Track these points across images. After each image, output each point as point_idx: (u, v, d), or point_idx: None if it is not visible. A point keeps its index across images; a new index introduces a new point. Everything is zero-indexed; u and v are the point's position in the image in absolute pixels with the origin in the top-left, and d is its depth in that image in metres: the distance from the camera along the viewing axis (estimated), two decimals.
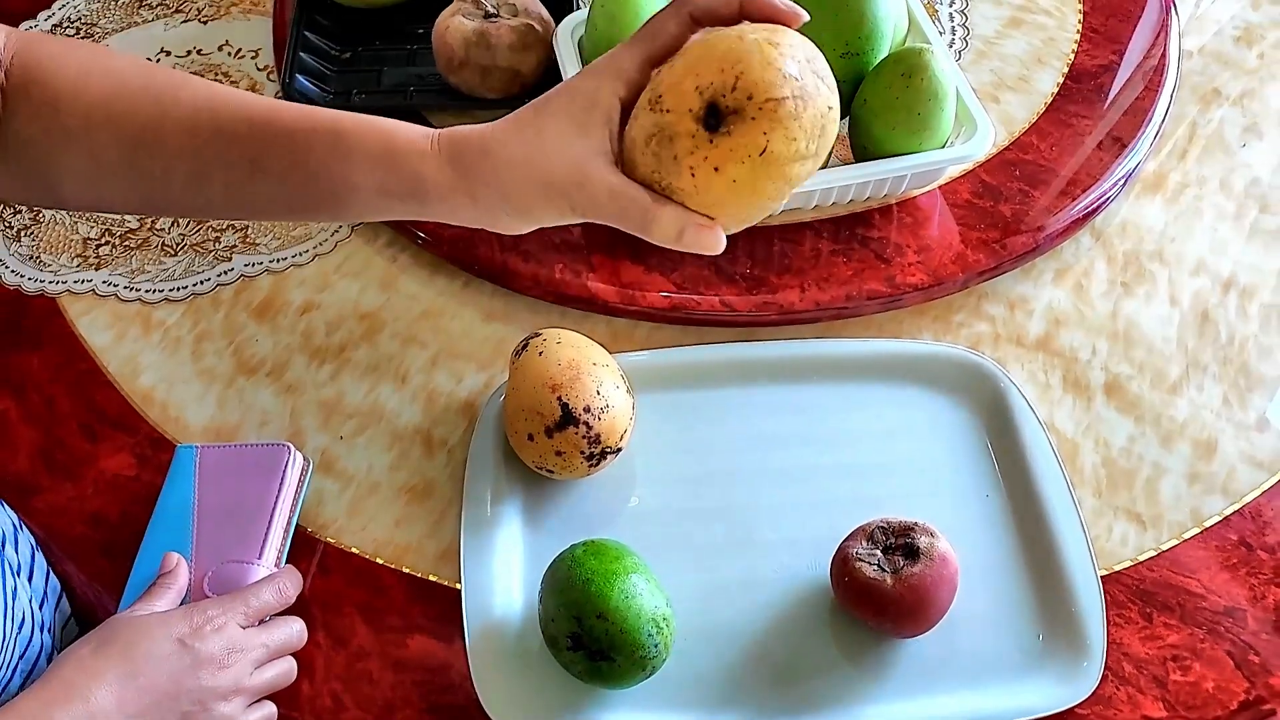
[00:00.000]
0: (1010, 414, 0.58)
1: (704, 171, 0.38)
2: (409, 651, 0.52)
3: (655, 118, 0.38)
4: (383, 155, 0.44)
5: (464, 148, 0.43)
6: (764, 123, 0.36)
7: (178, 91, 0.46)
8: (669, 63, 0.39)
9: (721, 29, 0.38)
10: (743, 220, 0.41)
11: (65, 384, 0.63)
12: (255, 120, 0.45)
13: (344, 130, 0.44)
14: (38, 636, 0.50)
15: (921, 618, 0.49)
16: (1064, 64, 0.76)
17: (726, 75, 0.36)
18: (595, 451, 0.53)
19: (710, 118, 0.37)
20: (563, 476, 0.55)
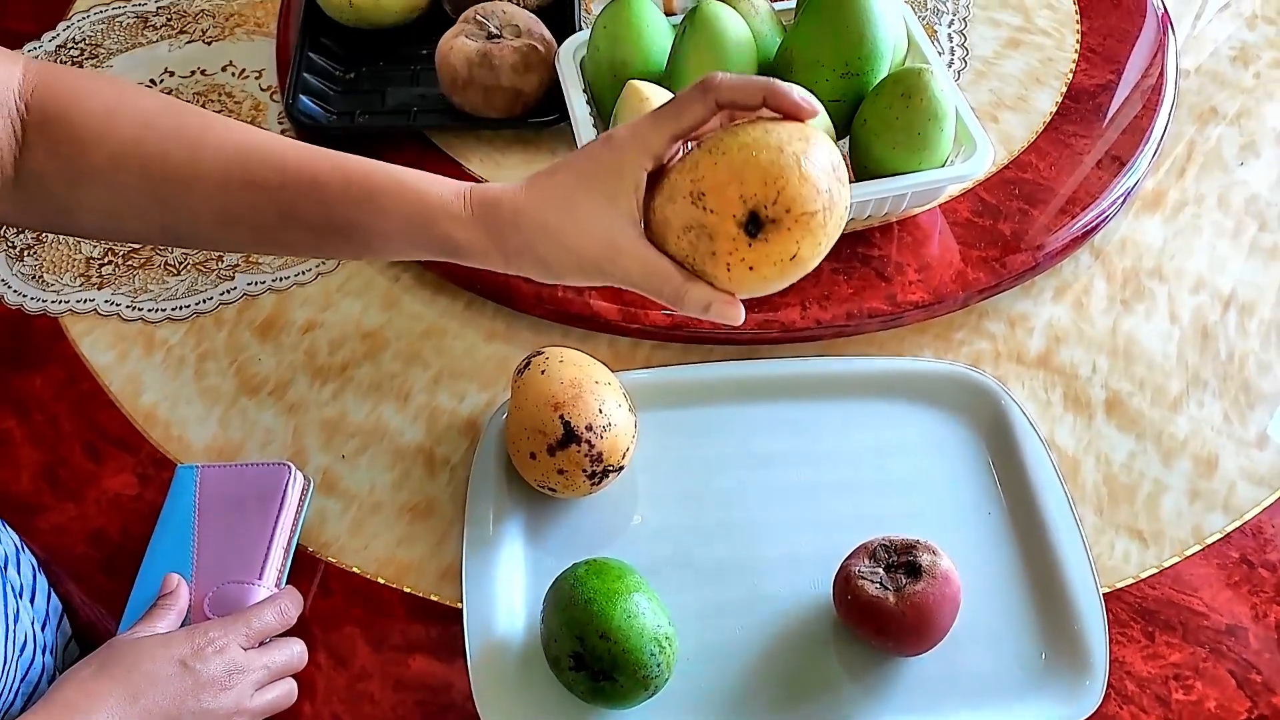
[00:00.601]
0: (1011, 431, 0.58)
1: (739, 268, 0.42)
2: (410, 671, 0.52)
3: (697, 213, 0.41)
4: (415, 216, 0.44)
5: (496, 212, 0.44)
6: (798, 232, 0.41)
7: (206, 135, 0.45)
8: (706, 150, 0.42)
9: (755, 128, 0.41)
10: (760, 294, 0.45)
11: (68, 404, 0.63)
12: (287, 171, 0.45)
13: (376, 189, 0.45)
14: (39, 659, 0.50)
15: (924, 636, 0.49)
16: (1062, 84, 0.76)
17: (769, 189, 0.40)
18: (597, 470, 0.53)
19: (751, 224, 0.41)
20: (565, 495, 0.55)
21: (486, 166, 0.72)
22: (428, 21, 0.77)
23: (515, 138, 0.73)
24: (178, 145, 0.45)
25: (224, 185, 0.45)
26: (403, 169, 0.46)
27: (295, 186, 0.45)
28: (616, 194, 0.43)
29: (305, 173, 0.45)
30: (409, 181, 0.45)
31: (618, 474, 0.55)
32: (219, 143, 0.45)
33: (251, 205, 0.45)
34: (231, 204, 0.45)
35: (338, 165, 0.45)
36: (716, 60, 0.63)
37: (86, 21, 0.83)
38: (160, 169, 0.45)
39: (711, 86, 0.42)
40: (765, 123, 0.41)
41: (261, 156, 0.45)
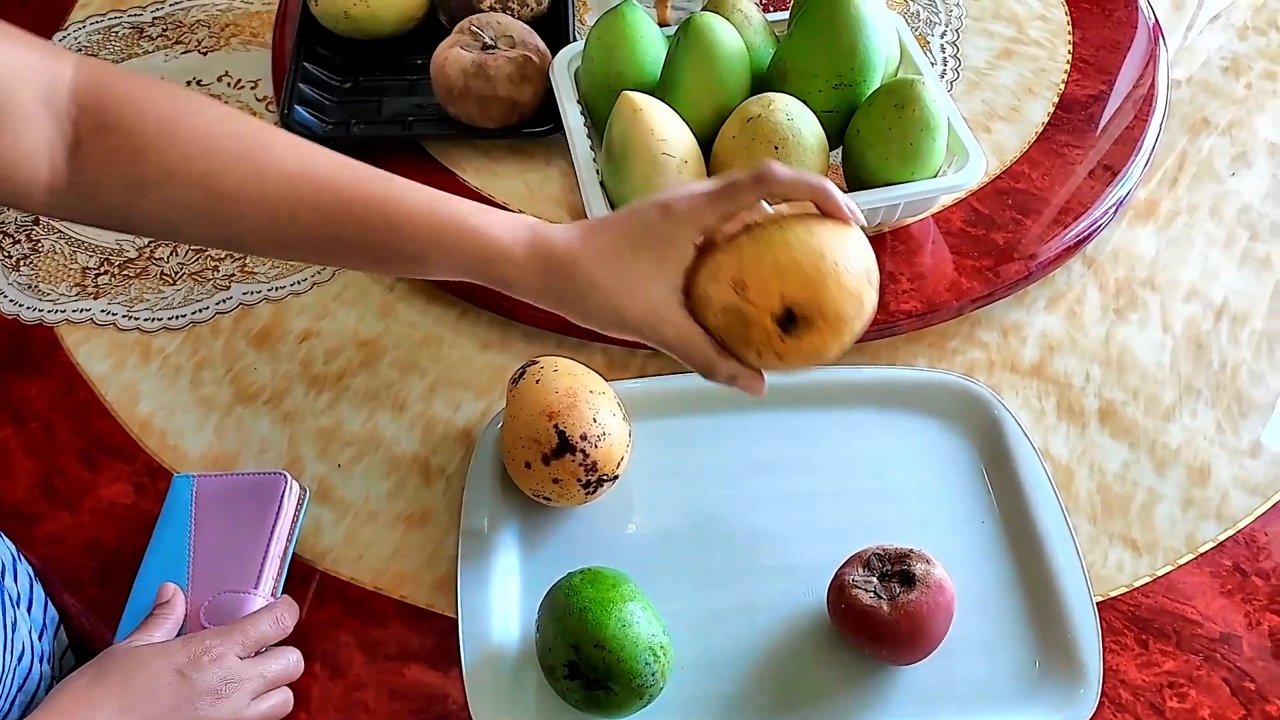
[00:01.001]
0: (1005, 440, 0.58)
1: (769, 356, 0.45)
2: (406, 681, 0.52)
3: (737, 300, 0.44)
4: (476, 256, 0.46)
5: (552, 261, 0.46)
6: (828, 334, 0.44)
7: (270, 155, 0.45)
8: (753, 240, 0.44)
9: (801, 226, 0.44)
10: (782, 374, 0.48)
11: (64, 412, 0.63)
12: (353, 201, 0.45)
13: (441, 227, 0.45)
14: (37, 668, 0.50)
15: (918, 645, 0.49)
16: (1054, 94, 0.77)
17: (808, 293, 0.42)
18: (592, 479, 0.54)
19: (786, 320, 0.44)
20: (560, 504, 0.55)
21: (482, 176, 0.72)
22: (423, 32, 0.78)
23: (510, 148, 0.74)
24: (239, 163, 0.45)
25: (287, 209, 0.45)
26: (465, 204, 0.46)
27: (360, 218, 0.45)
28: (666, 263, 0.45)
29: (371, 205, 0.45)
30: (472, 221, 0.46)
31: (612, 483, 0.55)
32: (283, 165, 0.45)
33: (313, 230, 0.46)
34: (293, 227, 0.46)
35: (403, 198, 0.46)
36: (710, 71, 0.64)
37: (82, 32, 0.84)
38: (220, 187, 0.45)
39: (766, 179, 0.44)
40: (811, 221, 0.44)
41: (326, 183, 0.45)
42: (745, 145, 0.61)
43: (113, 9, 0.86)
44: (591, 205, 0.64)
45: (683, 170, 0.62)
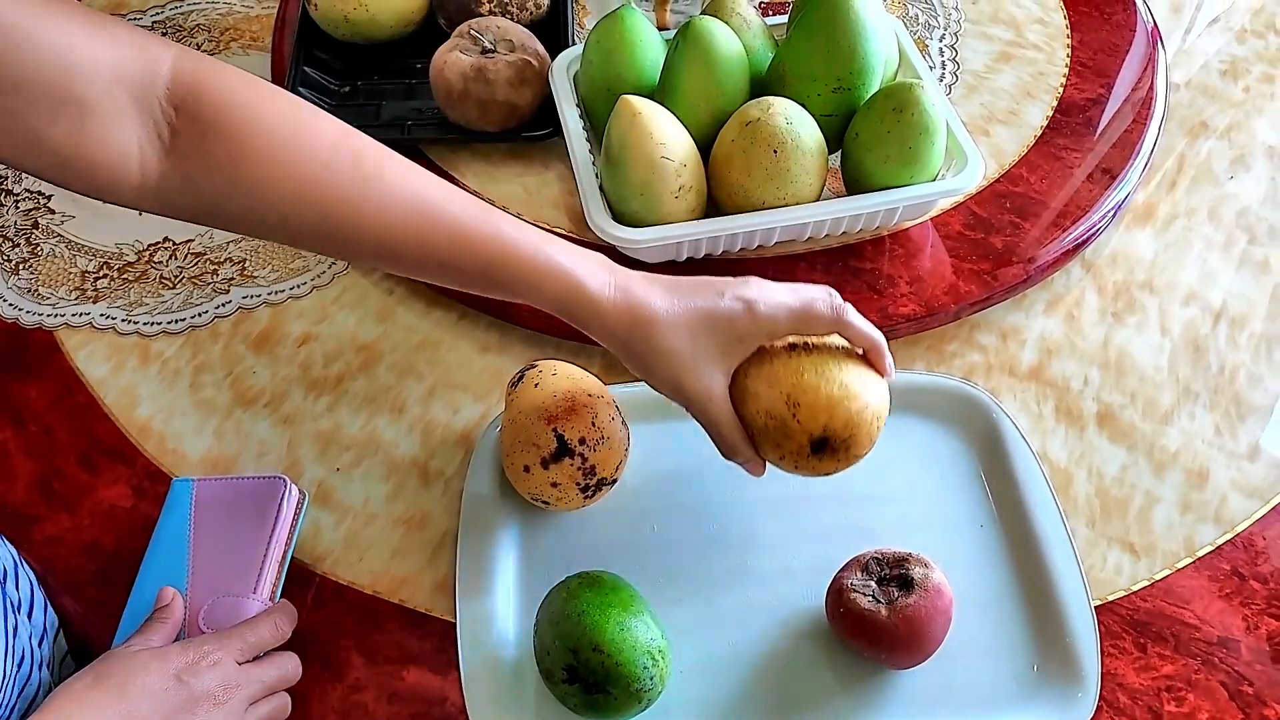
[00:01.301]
0: (1003, 444, 0.58)
1: (789, 465, 0.51)
2: (405, 684, 0.52)
3: (785, 414, 0.49)
4: (564, 299, 0.48)
5: (637, 318, 0.48)
6: (843, 463, 0.50)
7: (382, 183, 0.46)
8: (814, 369, 0.49)
9: (854, 374, 0.50)
10: None
11: (63, 415, 0.63)
12: (455, 234, 0.47)
13: (537, 269, 0.47)
14: (36, 674, 0.50)
15: (916, 649, 0.49)
16: (1053, 97, 0.77)
17: (847, 432, 0.49)
18: (591, 483, 0.54)
19: (817, 445, 0.49)
20: (559, 508, 0.55)
21: (481, 180, 0.73)
22: (422, 36, 0.78)
23: (509, 151, 0.74)
24: (354, 189, 0.46)
25: (394, 235, 0.47)
26: (559, 246, 0.49)
27: (464, 251, 0.47)
28: (731, 354, 0.49)
29: (476, 241, 0.47)
30: (565, 265, 0.48)
31: (611, 487, 0.55)
32: (395, 193, 0.46)
33: (417, 257, 0.48)
34: (398, 252, 0.47)
35: (506, 237, 0.47)
36: (709, 75, 0.64)
37: None
38: (334, 212, 0.46)
39: (843, 323, 0.49)
40: (861, 366, 0.50)
41: (436, 214, 0.47)
42: (744, 149, 0.62)
43: (112, 12, 0.86)
44: (590, 209, 0.64)
45: (682, 173, 0.62)
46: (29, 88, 0.40)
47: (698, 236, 0.64)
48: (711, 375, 0.49)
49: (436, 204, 0.47)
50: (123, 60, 0.42)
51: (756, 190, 0.62)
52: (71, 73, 0.41)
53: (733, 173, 0.63)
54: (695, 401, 0.50)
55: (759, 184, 0.62)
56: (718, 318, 0.49)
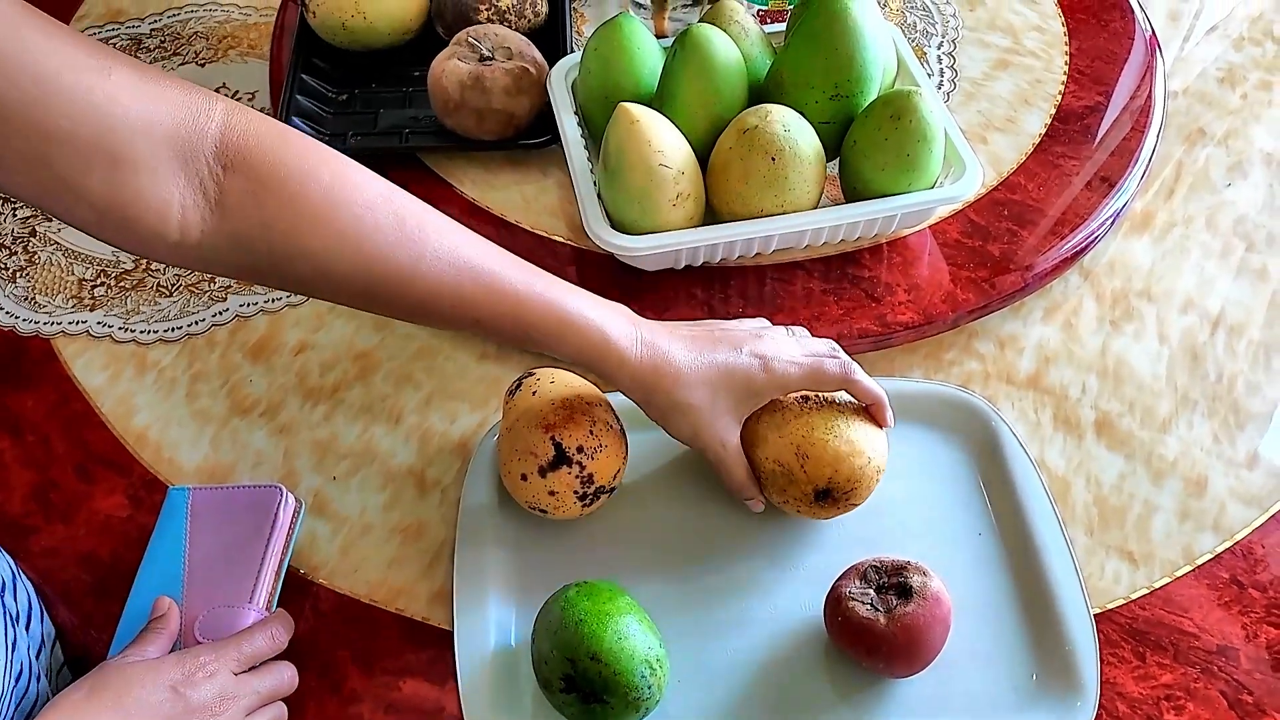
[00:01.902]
0: (1001, 452, 0.58)
1: (791, 509, 0.54)
2: (402, 694, 0.52)
3: (793, 464, 0.52)
4: (592, 353, 0.50)
5: (658, 372, 0.51)
6: (841, 510, 0.54)
7: (425, 243, 0.47)
8: (824, 426, 0.53)
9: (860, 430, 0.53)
10: None
11: (59, 424, 0.63)
12: (493, 293, 0.48)
13: (566, 324, 0.50)
14: (34, 685, 0.50)
15: (915, 657, 0.49)
16: (1051, 105, 0.77)
17: (850, 485, 0.52)
18: (588, 491, 0.53)
19: (820, 495, 0.53)
20: (556, 516, 0.55)
21: (479, 188, 0.73)
22: (420, 43, 0.78)
23: (507, 159, 0.74)
24: (396, 251, 0.46)
25: (435, 296, 0.48)
26: (588, 300, 0.51)
27: (498, 307, 0.49)
28: (745, 406, 0.53)
29: (510, 295, 0.49)
30: (594, 320, 0.50)
31: (609, 495, 0.55)
32: (436, 253, 0.47)
33: (453, 315, 0.49)
34: (438, 310, 0.49)
35: (537, 292, 0.49)
36: (707, 82, 0.64)
37: None
38: (382, 274, 0.47)
39: (850, 380, 0.53)
40: (864, 421, 0.53)
41: (475, 274, 0.48)
42: (742, 156, 0.62)
43: (110, 20, 0.86)
44: (588, 216, 0.64)
45: (680, 181, 0.62)
46: (63, 140, 0.40)
47: (696, 244, 0.64)
48: (727, 426, 0.53)
49: (476, 263, 0.49)
50: (167, 115, 0.42)
51: (754, 198, 0.62)
52: (111, 126, 0.41)
53: (730, 180, 0.63)
54: (710, 449, 0.53)
55: (757, 191, 0.62)
56: (736, 374, 0.52)
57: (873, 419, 0.54)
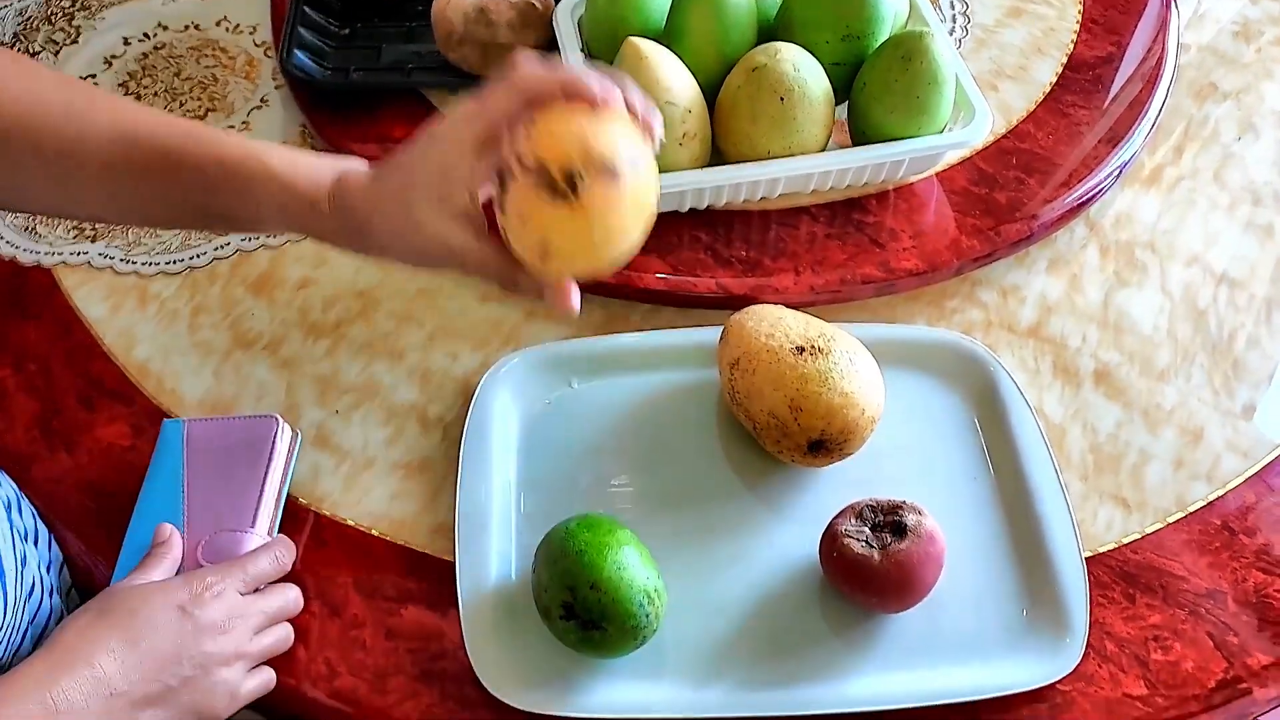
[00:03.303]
0: (1000, 398, 0.58)
1: (785, 458, 0.53)
2: (403, 620, 0.53)
3: (787, 417, 0.51)
4: (287, 209, 0.47)
5: (351, 214, 0.46)
6: (837, 459, 0.52)
7: (93, 114, 0.46)
8: (820, 376, 0.51)
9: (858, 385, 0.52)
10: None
11: (61, 355, 0.63)
12: (169, 158, 0.46)
13: (252, 179, 0.46)
14: (47, 601, 0.51)
15: (907, 593, 0.50)
16: (1063, 54, 0.76)
17: (840, 436, 0.50)
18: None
19: (814, 446, 0.51)
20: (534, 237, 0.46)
21: None
22: None
23: None
24: (66, 122, 0.45)
25: (110, 165, 0.46)
26: (277, 153, 0.47)
27: (177, 171, 0.46)
28: (449, 197, 0.45)
29: (185, 158, 0.46)
30: (281, 173, 0.46)
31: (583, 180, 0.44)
32: (105, 122, 0.46)
33: (137, 188, 0.47)
34: (118, 186, 0.47)
35: (215, 153, 0.46)
36: (716, 19, 0.63)
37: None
38: (52, 146, 0.45)
39: (513, 79, 0.44)
40: (864, 379, 0.51)
41: (145, 138, 0.46)
42: (750, 95, 0.61)
43: None
44: None
45: (686, 120, 0.61)
46: None
47: (701, 186, 0.63)
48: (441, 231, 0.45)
49: (148, 126, 0.46)
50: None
51: (762, 139, 0.62)
52: None
53: (738, 120, 0.62)
54: (442, 260, 0.47)
55: (764, 132, 0.62)
56: (414, 168, 0.45)
57: (871, 363, 0.53)
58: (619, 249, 0.45)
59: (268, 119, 0.74)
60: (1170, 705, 0.50)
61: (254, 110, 0.75)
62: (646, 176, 0.44)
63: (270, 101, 0.75)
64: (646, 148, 0.45)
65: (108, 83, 0.76)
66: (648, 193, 0.45)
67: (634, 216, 0.45)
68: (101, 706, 0.43)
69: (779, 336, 0.54)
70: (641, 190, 0.44)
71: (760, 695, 0.50)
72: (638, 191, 0.44)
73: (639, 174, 0.44)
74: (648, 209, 0.45)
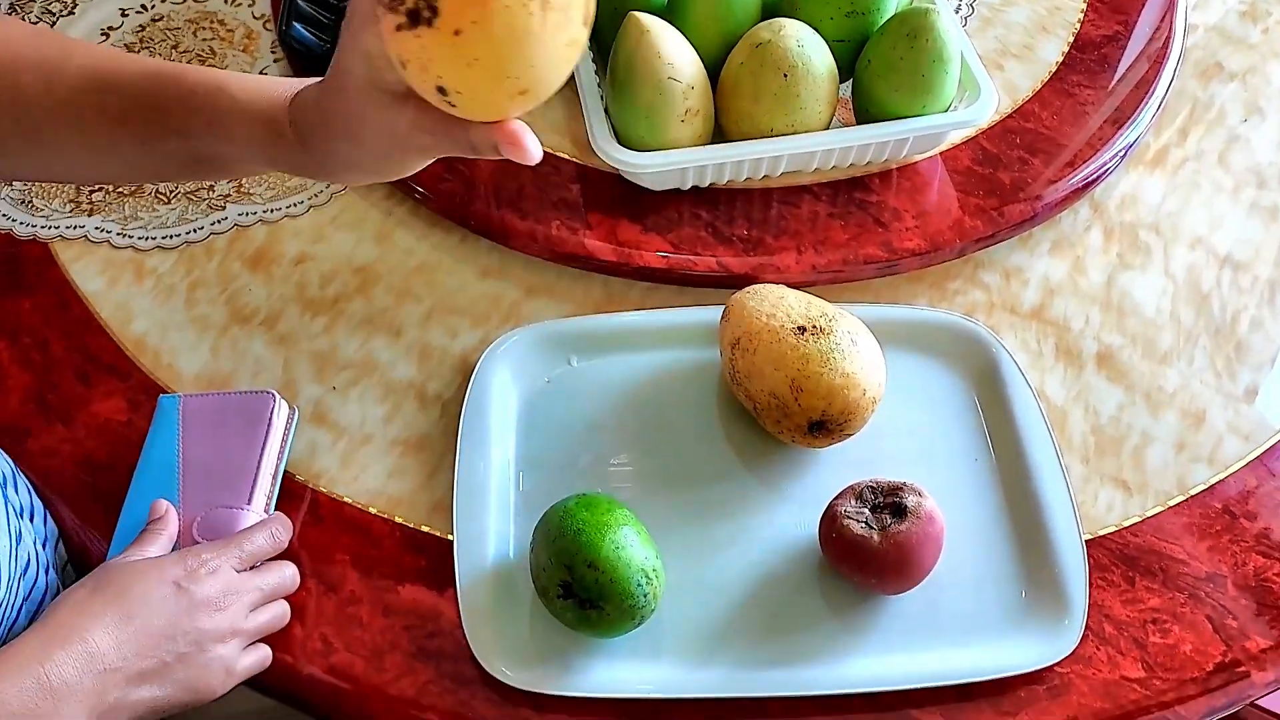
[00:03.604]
0: (1002, 380, 0.58)
1: (785, 438, 0.53)
2: (400, 598, 0.53)
3: (788, 397, 0.51)
4: (251, 133, 0.44)
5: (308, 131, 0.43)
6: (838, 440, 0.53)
7: (67, 63, 0.44)
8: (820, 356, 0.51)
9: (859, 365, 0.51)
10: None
11: (57, 329, 0.62)
12: (139, 95, 0.44)
13: (216, 109, 0.44)
14: (42, 577, 0.50)
15: (906, 575, 0.50)
16: (1069, 34, 0.75)
17: (841, 416, 0.50)
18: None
19: (815, 426, 0.52)
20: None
21: None
22: None
23: None
24: (36, 75, 0.44)
25: (82, 117, 0.44)
26: (237, 81, 0.44)
27: (148, 116, 0.44)
28: (373, 74, 0.38)
29: (155, 100, 0.44)
30: (239, 99, 0.44)
31: None
32: (76, 70, 0.44)
33: (112, 138, 0.45)
34: (94, 138, 0.45)
35: (181, 89, 0.44)
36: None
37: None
38: (22, 100, 0.44)
39: None
40: (865, 360, 0.51)
41: (115, 85, 0.44)
42: (753, 71, 0.60)
43: None
44: (595, 132, 0.63)
45: (689, 96, 0.61)
46: None
47: (704, 163, 0.63)
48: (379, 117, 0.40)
49: (116, 73, 0.44)
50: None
51: (765, 116, 0.61)
52: None
53: (741, 98, 0.61)
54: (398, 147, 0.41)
55: (767, 109, 0.61)
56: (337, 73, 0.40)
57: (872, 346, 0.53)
58: (524, 52, 0.34)
59: None
60: (1168, 688, 0.50)
61: None
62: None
63: (269, 74, 0.74)
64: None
65: None
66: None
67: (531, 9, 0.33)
68: (95, 682, 0.42)
69: (780, 316, 0.54)
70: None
71: (758, 675, 0.50)
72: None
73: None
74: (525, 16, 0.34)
